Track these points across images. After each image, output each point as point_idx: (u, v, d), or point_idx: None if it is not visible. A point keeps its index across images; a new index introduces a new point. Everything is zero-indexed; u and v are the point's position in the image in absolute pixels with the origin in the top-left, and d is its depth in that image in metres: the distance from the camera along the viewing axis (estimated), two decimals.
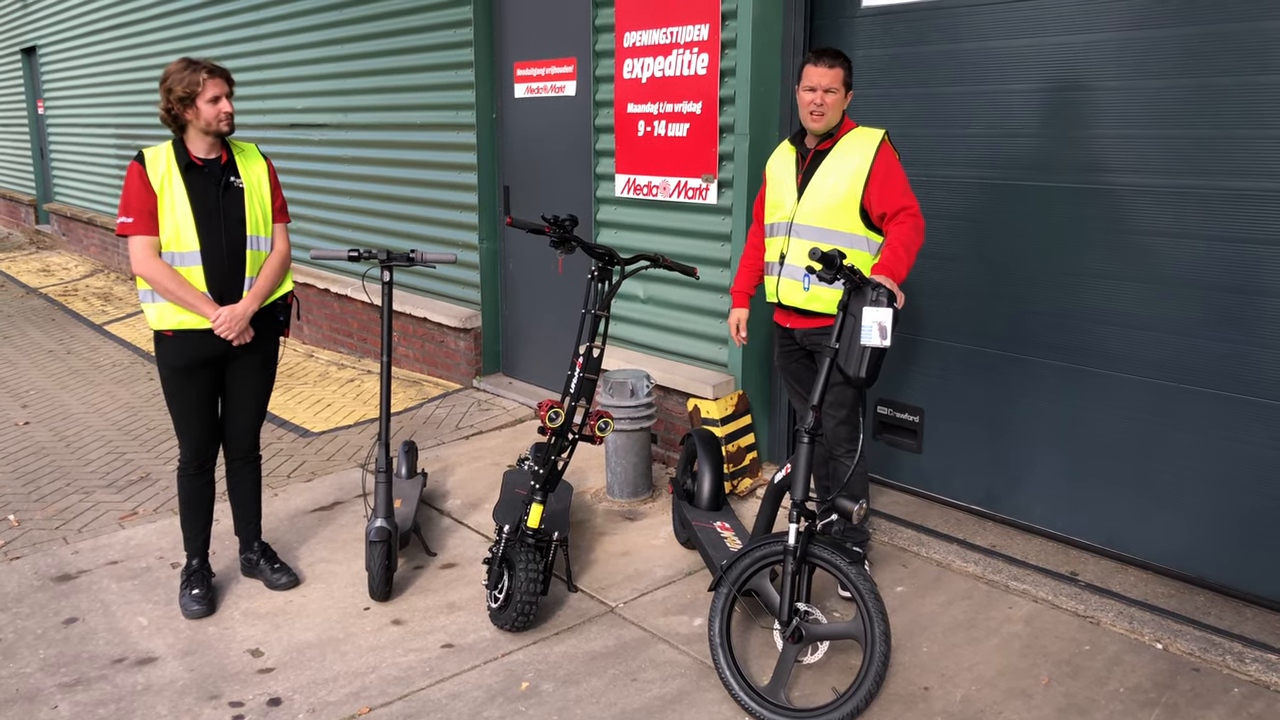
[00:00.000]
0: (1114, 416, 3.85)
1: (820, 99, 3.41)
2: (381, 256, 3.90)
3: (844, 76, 3.42)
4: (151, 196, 3.44)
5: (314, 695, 3.18)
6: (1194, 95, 3.50)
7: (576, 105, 5.58)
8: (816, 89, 3.41)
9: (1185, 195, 3.57)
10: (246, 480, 3.88)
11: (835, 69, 3.40)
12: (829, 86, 3.40)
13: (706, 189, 4.78)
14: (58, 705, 3.15)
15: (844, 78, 3.42)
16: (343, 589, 3.88)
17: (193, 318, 3.51)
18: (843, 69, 3.42)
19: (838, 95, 3.43)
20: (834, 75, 3.40)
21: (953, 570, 3.93)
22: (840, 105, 3.45)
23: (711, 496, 4.03)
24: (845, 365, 3.14)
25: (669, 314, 5.13)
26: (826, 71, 3.40)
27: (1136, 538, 3.87)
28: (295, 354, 7.78)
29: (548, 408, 3.53)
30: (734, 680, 3.07)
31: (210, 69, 3.46)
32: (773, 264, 3.65)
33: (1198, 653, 3.31)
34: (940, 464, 4.45)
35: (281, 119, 8.10)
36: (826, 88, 3.40)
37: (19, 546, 4.30)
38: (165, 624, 3.62)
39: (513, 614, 3.45)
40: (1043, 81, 3.86)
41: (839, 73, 3.41)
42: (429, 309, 6.58)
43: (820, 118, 3.44)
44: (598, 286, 3.66)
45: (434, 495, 4.79)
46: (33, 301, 10.16)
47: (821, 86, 3.41)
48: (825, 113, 3.43)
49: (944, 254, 4.26)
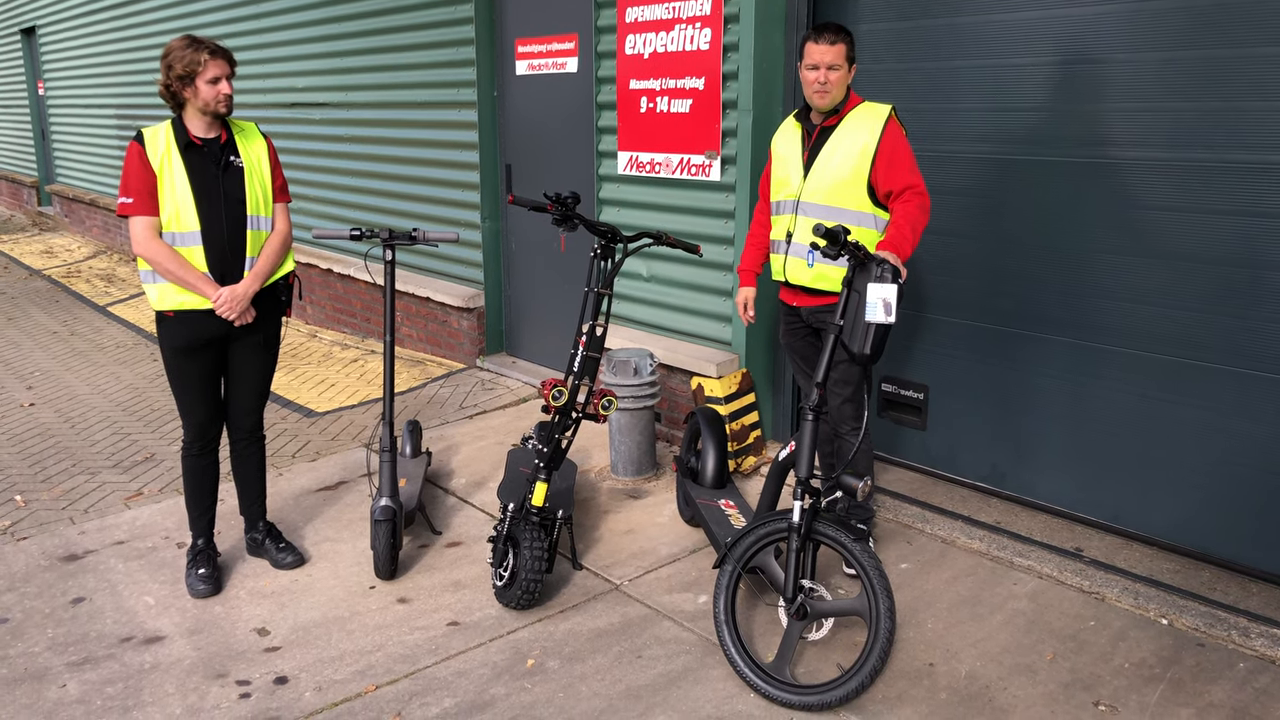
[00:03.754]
0: (1120, 392, 3.83)
1: (824, 76, 3.37)
2: (384, 235, 3.89)
3: (846, 52, 3.38)
4: (151, 176, 3.42)
5: (320, 674, 3.19)
6: (1201, 67, 3.46)
7: (578, 82, 5.54)
8: (819, 66, 3.37)
9: (1192, 169, 3.54)
10: (251, 460, 3.89)
11: (838, 45, 3.36)
12: (832, 63, 3.36)
13: (710, 166, 4.75)
14: (66, 684, 3.16)
15: (846, 53, 3.38)
16: (348, 568, 3.89)
17: (194, 298, 3.50)
18: (845, 44, 3.37)
19: (841, 71, 3.39)
20: (836, 51, 3.36)
21: (957, 547, 3.93)
22: (845, 81, 3.41)
23: (715, 474, 4.03)
24: (850, 342, 3.12)
25: (672, 292, 5.11)
26: (829, 49, 3.35)
27: (1142, 514, 3.87)
28: (299, 334, 7.78)
29: (551, 386, 3.52)
30: (739, 657, 3.07)
31: (212, 49, 3.43)
32: (779, 242, 3.63)
33: (1203, 628, 3.31)
34: (945, 441, 4.44)
35: (282, 98, 8.06)
36: (830, 64, 3.36)
37: (26, 527, 4.32)
38: (172, 603, 3.64)
39: (518, 592, 3.45)
40: (1048, 55, 3.82)
41: (841, 48, 3.36)
42: (432, 289, 6.57)
43: (825, 95, 3.40)
44: (600, 264, 3.64)
45: (438, 474, 4.80)
46: (36, 283, 10.16)
47: (824, 64, 3.36)
48: (830, 90, 3.39)
49: (949, 230, 4.23)
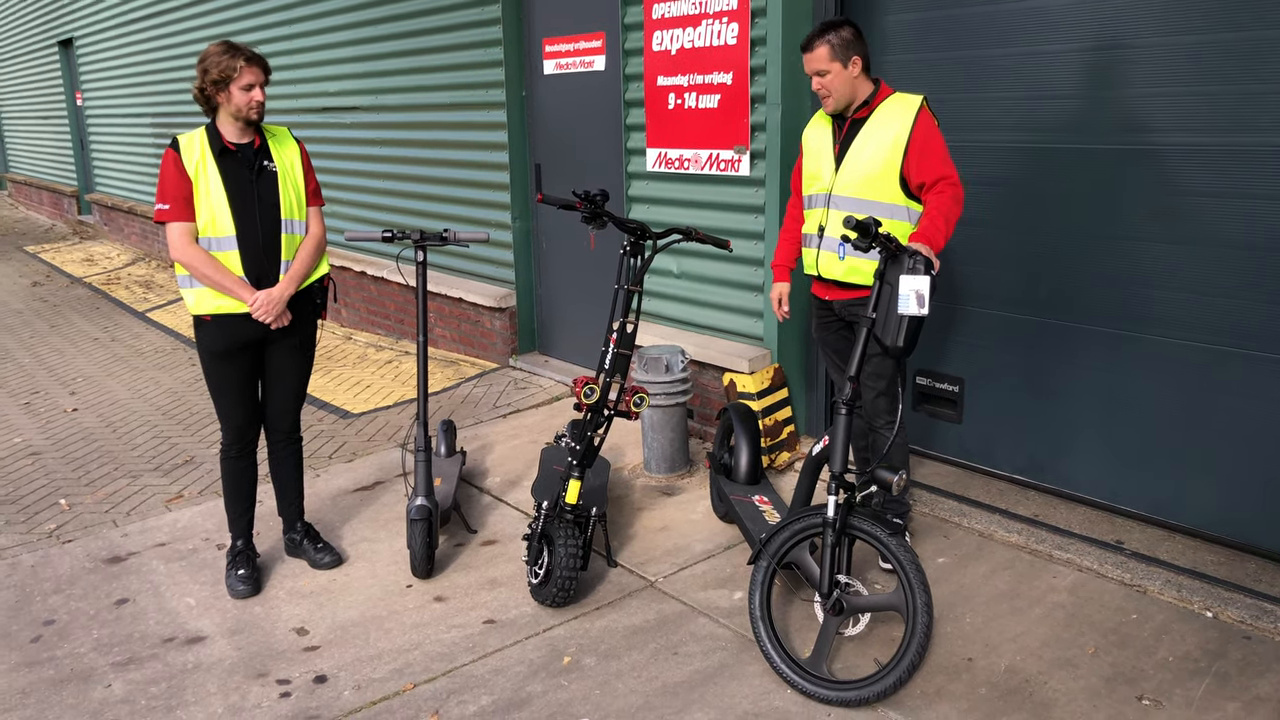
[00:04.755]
0: (1160, 382, 3.77)
1: (817, 84, 3.39)
2: (415, 236, 3.92)
3: (830, 53, 3.33)
4: (187, 183, 3.47)
5: (359, 672, 3.22)
6: (1239, 49, 3.39)
7: (606, 80, 5.55)
8: (813, 76, 3.40)
9: (1233, 153, 3.47)
10: (288, 462, 3.93)
11: (818, 49, 3.35)
12: (819, 69, 3.36)
13: (739, 161, 4.73)
14: (111, 684, 3.22)
15: (830, 54, 3.33)
16: (385, 567, 3.93)
17: (231, 302, 3.54)
18: (827, 45, 3.33)
19: (833, 73, 3.35)
20: (819, 56, 3.35)
21: (995, 540, 3.89)
22: (846, 78, 3.37)
23: (749, 470, 4.02)
24: (883, 335, 3.10)
25: (703, 288, 5.10)
26: (811, 56, 3.36)
27: (1184, 505, 3.80)
28: (334, 337, 7.85)
29: (583, 384, 3.53)
30: (775, 653, 3.06)
31: (248, 56, 3.46)
32: (811, 236, 3.61)
33: (1249, 620, 3.25)
34: (981, 434, 4.39)
35: (314, 103, 8.14)
36: (817, 70, 3.37)
37: (71, 530, 4.40)
38: (212, 604, 3.69)
39: (553, 589, 3.46)
40: (1081, 40, 3.76)
41: (823, 52, 3.34)
42: (464, 289, 6.61)
43: (829, 100, 3.41)
44: (630, 261, 3.64)
45: (473, 473, 4.82)
46: (77, 291, 10.34)
47: (813, 71, 3.38)
48: (832, 93, 3.39)
49: (983, 220, 4.19)
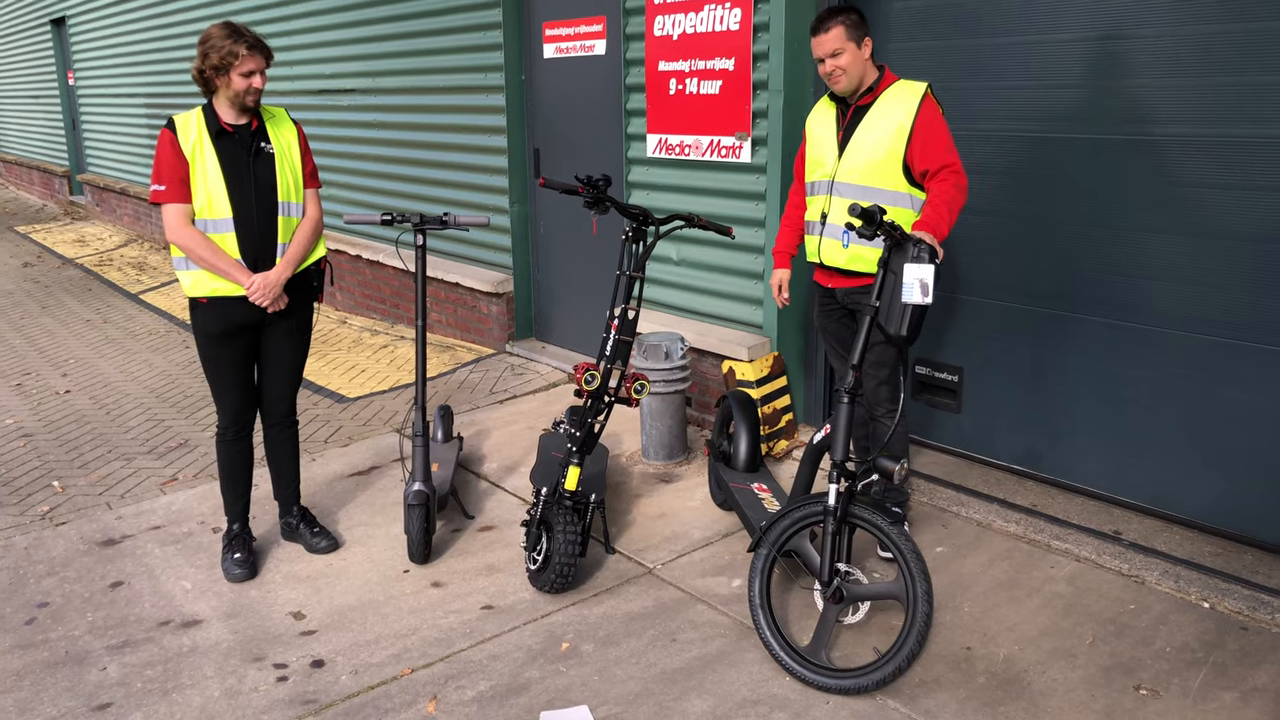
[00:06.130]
0: (1159, 374, 3.77)
1: (830, 66, 3.37)
2: (415, 220, 3.89)
3: (845, 32, 3.32)
4: (183, 164, 3.43)
5: (356, 657, 3.21)
6: (1245, 40, 3.38)
7: (607, 64, 5.51)
8: (823, 58, 3.37)
9: (1236, 145, 3.45)
10: (284, 445, 3.91)
11: (833, 30, 3.33)
12: (833, 50, 3.34)
13: (740, 147, 4.70)
14: (106, 666, 3.20)
15: (845, 34, 3.32)
16: (382, 552, 3.91)
17: (227, 285, 3.51)
18: (841, 26, 3.32)
19: (848, 53, 3.34)
20: (833, 37, 3.32)
21: (993, 530, 3.89)
22: (858, 59, 3.36)
23: (748, 458, 4.01)
24: (886, 323, 3.09)
25: (703, 275, 5.08)
26: (825, 37, 3.34)
27: (1182, 496, 3.80)
28: (329, 321, 7.82)
29: (583, 371, 3.51)
30: (774, 640, 3.06)
31: (251, 43, 3.41)
32: (813, 223, 3.59)
33: (1246, 611, 3.26)
34: (980, 423, 4.39)
35: (310, 84, 8.08)
36: (831, 52, 3.34)
37: (65, 512, 4.37)
38: (208, 587, 3.67)
39: (551, 575, 3.45)
40: (1086, 30, 3.74)
41: (838, 31, 3.32)
42: (460, 274, 6.57)
43: (840, 80, 3.39)
44: (632, 248, 3.62)
45: (470, 459, 4.80)
46: (69, 272, 10.27)
47: (826, 53, 3.35)
48: (845, 74, 3.37)
49: (985, 209, 4.17)
